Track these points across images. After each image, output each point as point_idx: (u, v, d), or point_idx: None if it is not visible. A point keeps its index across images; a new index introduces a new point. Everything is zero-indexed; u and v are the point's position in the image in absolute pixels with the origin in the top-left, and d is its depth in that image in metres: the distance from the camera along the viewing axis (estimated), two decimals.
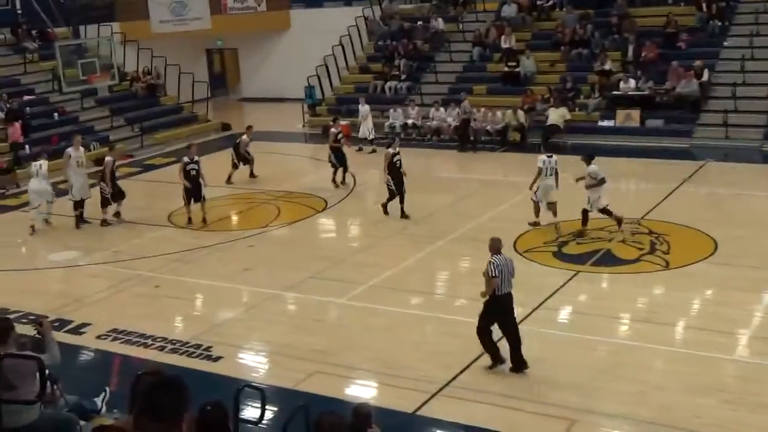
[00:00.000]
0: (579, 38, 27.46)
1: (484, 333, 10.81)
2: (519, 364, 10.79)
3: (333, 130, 21.17)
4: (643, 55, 25.91)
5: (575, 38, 27.52)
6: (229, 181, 21.55)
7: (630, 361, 11.16)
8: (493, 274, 10.48)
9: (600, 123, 25.16)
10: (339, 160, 20.87)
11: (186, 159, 18.03)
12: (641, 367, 11.02)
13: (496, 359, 10.87)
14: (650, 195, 18.82)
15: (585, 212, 16.25)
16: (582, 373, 10.79)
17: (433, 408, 10.15)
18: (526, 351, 11.07)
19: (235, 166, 21.82)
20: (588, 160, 16.49)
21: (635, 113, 24.72)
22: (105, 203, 18.55)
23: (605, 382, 10.57)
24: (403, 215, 17.81)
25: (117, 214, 18.83)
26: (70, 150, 18.70)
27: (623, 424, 9.67)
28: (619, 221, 16.25)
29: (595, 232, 16.33)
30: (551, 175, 16.64)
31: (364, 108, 25.39)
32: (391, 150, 18.10)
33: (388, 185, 17.93)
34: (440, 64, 29.27)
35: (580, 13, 28.31)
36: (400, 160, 18.04)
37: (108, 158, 18.84)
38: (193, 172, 17.78)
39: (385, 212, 18.08)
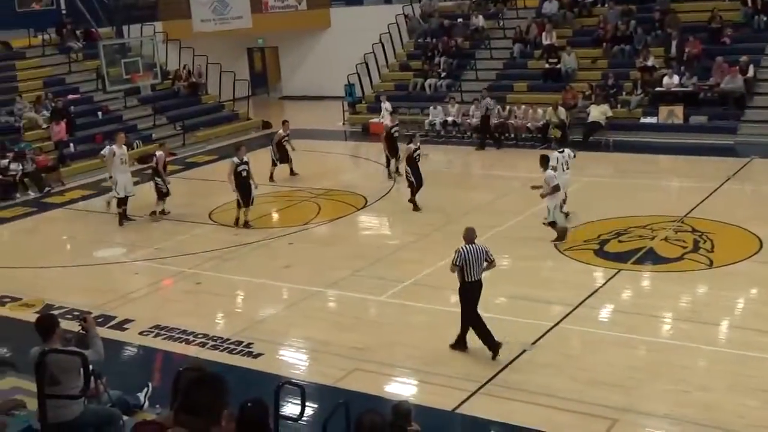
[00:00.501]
0: (621, 34, 27.18)
1: (476, 322, 11.19)
2: (461, 345, 11.35)
3: (387, 123, 21.54)
4: (686, 50, 25.56)
5: (617, 34, 27.24)
6: (271, 178, 21.69)
7: (672, 360, 11.03)
8: (455, 263, 11.05)
9: (642, 120, 24.91)
10: (392, 152, 21.20)
11: (236, 160, 17.76)
12: (684, 366, 10.88)
13: (494, 346, 11.12)
14: (694, 193, 18.58)
15: (552, 224, 15.66)
16: (623, 372, 10.69)
17: (472, 406, 10.12)
18: (566, 349, 11.07)
19: (274, 163, 21.96)
20: (545, 164, 15.88)
21: (678, 110, 24.40)
22: (161, 196, 19.01)
23: (647, 381, 10.45)
24: (415, 207, 18.36)
25: (162, 212, 19.14)
26: (114, 147, 18.93)
27: (665, 424, 9.56)
28: (560, 236, 15.62)
29: (637, 230, 16.15)
30: (568, 169, 16.56)
31: (386, 105, 25.41)
32: (412, 145, 18.56)
33: (407, 177, 18.47)
34: (480, 62, 29.14)
35: (622, 8, 28.00)
36: (419, 154, 18.64)
37: (159, 152, 19.29)
38: (244, 173, 17.67)
39: (415, 208, 18.40)
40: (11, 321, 13.61)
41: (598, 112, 24.42)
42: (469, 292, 11.13)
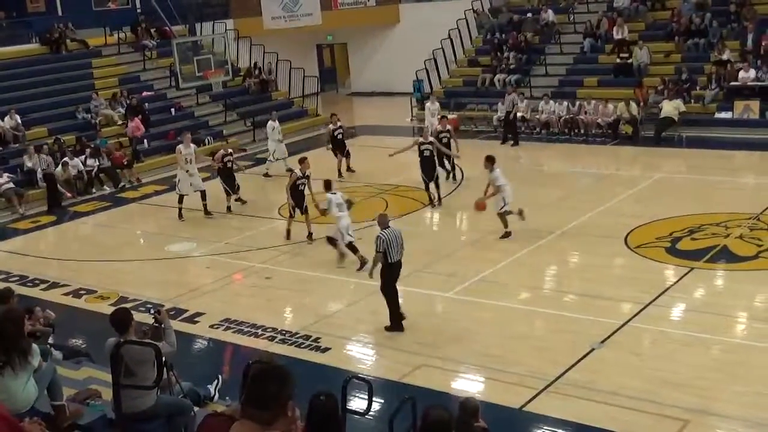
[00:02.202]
0: (695, 27, 26.61)
1: (392, 296, 12.19)
2: (397, 325, 12.24)
3: (438, 126, 21.19)
4: (763, 44, 24.89)
5: (691, 27, 26.69)
6: (340, 174, 21.84)
7: (747, 361, 10.78)
8: (379, 250, 11.98)
9: (717, 115, 24.36)
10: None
11: (298, 173, 16.77)
12: (759, 367, 10.62)
13: (398, 324, 12.20)
14: None
15: (349, 245, 15.10)
16: (696, 372, 10.49)
17: (540, 404, 10.05)
18: (636, 348, 10.95)
19: (336, 156, 22.21)
20: (326, 187, 15.65)
21: (755, 104, 23.82)
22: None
23: (721, 382, 10.24)
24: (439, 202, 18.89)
25: (228, 209, 19.54)
26: (181, 147, 19.27)
27: (740, 427, 9.35)
28: (342, 255, 15.25)
29: (711, 227, 15.82)
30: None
31: (434, 106, 24.35)
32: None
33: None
34: (550, 57, 28.85)
35: (697, 1, 27.41)
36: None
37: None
38: (302, 187, 16.81)
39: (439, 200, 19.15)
40: (87, 313, 13.98)
41: (671, 108, 23.97)
42: (393, 272, 12.12)
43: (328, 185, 15.73)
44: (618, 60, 26.96)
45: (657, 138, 23.64)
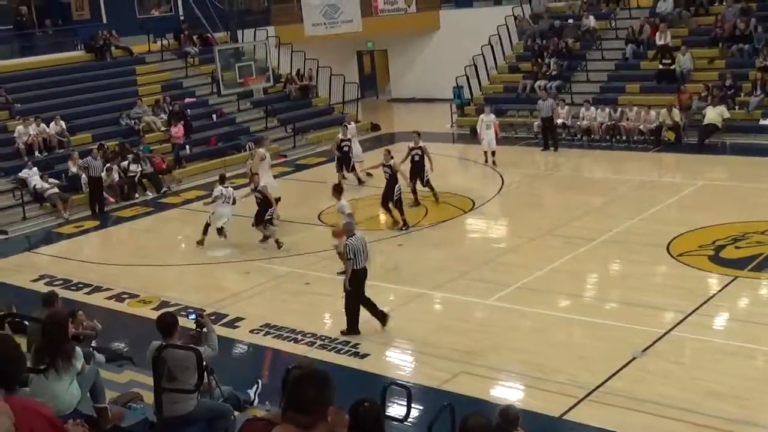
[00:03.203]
0: (740, 33, 26.23)
1: (365, 302, 12.55)
2: (354, 330, 12.58)
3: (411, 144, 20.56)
4: None
5: (735, 33, 26.32)
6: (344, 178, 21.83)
7: None
8: (348, 257, 12.30)
9: (762, 122, 23.97)
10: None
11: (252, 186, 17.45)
12: None
13: (383, 316, 12.60)
14: None
15: (217, 229, 17.45)
16: (740, 382, 10.34)
17: (580, 413, 9.97)
18: (678, 358, 10.85)
19: (338, 168, 22.04)
20: (219, 181, 17.89)
21: None
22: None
23: (765, 393, 10.08)
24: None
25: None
26: (263, 151, 19.54)
27: None
28: (201, 238, 17.61)
29: (756, 236, 15.59)
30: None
31: (489, 117, 23.59)
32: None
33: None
34: (591, 63, 28.63)
35: (741, 6, 27.05)
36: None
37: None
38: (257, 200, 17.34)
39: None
40: (129, 317, 14.15)
41: (714, 114, 23.67)
42: (359, 279, 12.42)
43: (221, 178, 18.10)
44: (660, 66, 26.68)
45: (700, 145, 23.36)
